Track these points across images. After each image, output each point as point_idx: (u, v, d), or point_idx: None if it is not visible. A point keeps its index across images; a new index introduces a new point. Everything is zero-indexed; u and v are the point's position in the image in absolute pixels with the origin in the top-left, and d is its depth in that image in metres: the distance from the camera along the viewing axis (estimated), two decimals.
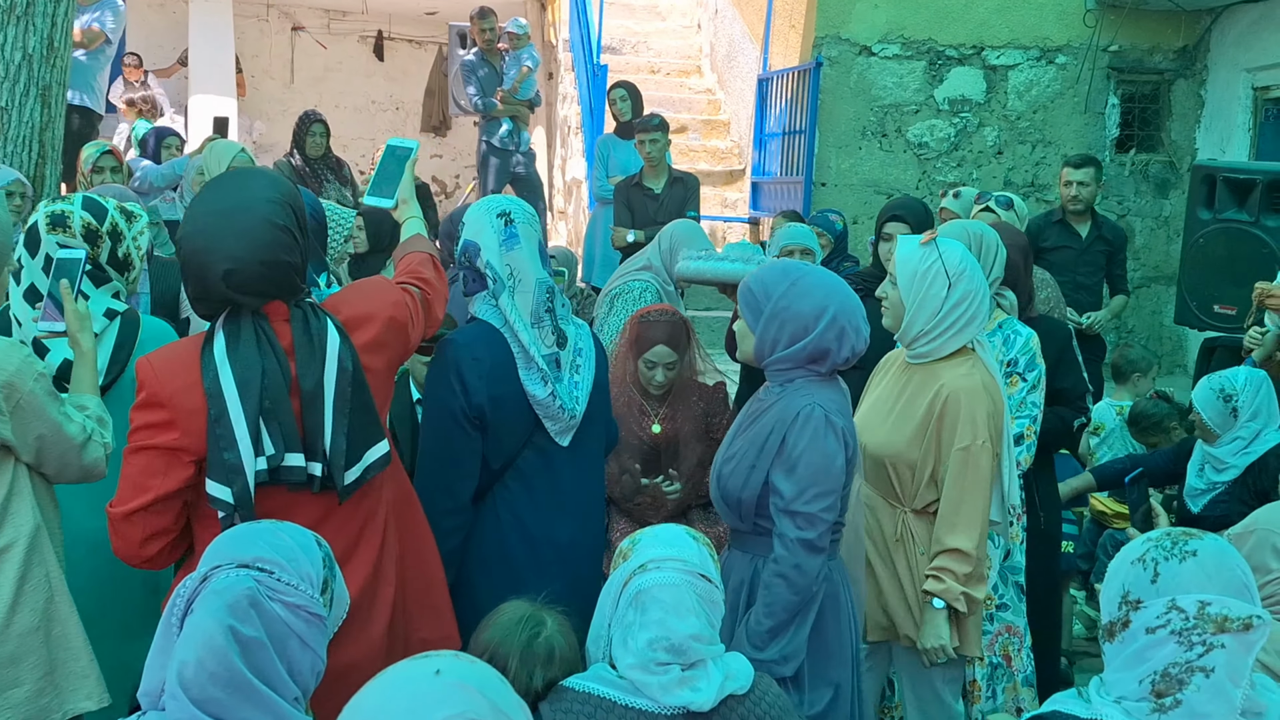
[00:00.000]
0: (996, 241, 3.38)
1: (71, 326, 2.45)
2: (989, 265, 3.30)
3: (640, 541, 2.01)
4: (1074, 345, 3.71)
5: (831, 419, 2.58)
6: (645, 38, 11.19)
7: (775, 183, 8.75)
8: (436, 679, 1.31)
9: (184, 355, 2.10)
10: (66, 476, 2.37)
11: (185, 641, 1.48)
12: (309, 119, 7.13)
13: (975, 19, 8.14)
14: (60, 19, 5.61)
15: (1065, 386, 3.62)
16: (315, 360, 2.09)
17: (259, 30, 13.15)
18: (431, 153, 14.09)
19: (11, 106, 5.46)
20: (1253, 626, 1.55)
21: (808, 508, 2.52)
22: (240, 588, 1.51)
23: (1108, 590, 1.66)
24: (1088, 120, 8.34)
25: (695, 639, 1.91)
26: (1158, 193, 8.43)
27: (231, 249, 2.04)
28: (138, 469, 2.06)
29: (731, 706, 1.94)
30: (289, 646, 1.53)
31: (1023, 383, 3.35)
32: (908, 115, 8.21)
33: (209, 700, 1.46)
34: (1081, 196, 5.69)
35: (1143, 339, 8.39)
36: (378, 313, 2.26)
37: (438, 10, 12.58)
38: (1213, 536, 1.66)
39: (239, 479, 2.01)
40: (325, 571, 1.63)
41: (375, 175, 2.67)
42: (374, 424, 2.16)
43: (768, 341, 2.64)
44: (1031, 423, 3.38)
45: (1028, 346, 3.37)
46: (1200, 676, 1.53)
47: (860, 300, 2.73)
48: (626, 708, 1.88)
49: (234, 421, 2.01)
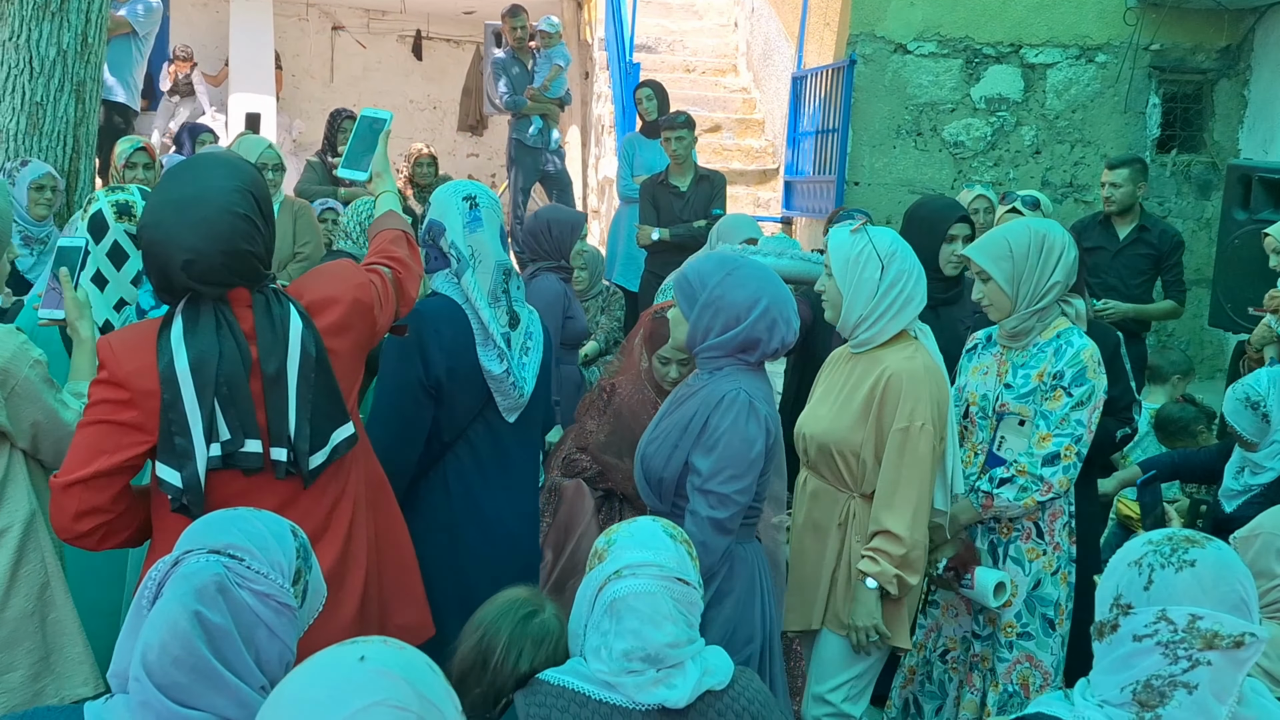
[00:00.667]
0: (1064, 241, 3.16)
1: (71, 314, 2.46)
2: (1050, 266, 3.11)
3: (616, 543, 1.97)
4: (1123, 353, 3.54)
5: (755, 405, 2.66)
6: (681, 36, 11.16)
7: (808, 182, 8.68)
8: (360, 665, 1.28)
9: (142, 337, 2.09)
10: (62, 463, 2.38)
11: (151, 624, 1.48)
12: (340, 116, 7.18)
13: (1013, 17, 8.03)
14: (94, 15, 5.68)
15: (1113, 395, 3.36)
16: (278, 345, 2.08)
17: (299, 30, 13.28)
18: (468, 152, 14.16)
19: (46, 101, 5.54)
20: (1244, 644, 1.49)
21: (722, 488, 2.60)
22: (209, 573, 1.50)
23: (1103, 588, 1.61)
24: (1128, 120, 8.20)
25: (672, 646, 1.88)
26: (1199, 194, 8.27)
27: (190, 240, 2.03)
28: (85, 442, 2.05)
29: (709, 702, 1.91)
30: (256, 635, 1.51)
31: (1067, 398, 3.09)
32: (943, 114, 8.12)
33: (172, 684, 1.45)
34: (1115, 197, 5.59)
35: (1183, 343, 8.23)
36: (341, 295, 2.24)
37: (476, 10, 12.64)
38: (1217, 544, 1.59)
39: (189, 464, 2.01)
40: (299, 562, 1.62)
41: (349, 146, 2.66)
42: (339, 407, 2.15)
43: (700, 329, 2.73)
44: (1073, 442, 3.09)
45: (1077, 359, 3.10)
46: (1183, 692, 1.49)
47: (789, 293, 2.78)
48: (600, 703, 1.86)
49: (187, 406, 2.01)
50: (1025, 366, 3.17)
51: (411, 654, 1.35)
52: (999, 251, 3.13)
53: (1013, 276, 3.10)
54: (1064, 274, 3.12)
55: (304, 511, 2.14)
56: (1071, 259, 3.14)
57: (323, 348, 2.13)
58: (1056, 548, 3.21)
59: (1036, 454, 3.10)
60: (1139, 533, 4.49)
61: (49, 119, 5.59)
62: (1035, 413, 3.13)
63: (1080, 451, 3.11)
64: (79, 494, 2.04)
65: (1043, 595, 3.19)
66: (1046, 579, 3.19)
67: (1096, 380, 3.10)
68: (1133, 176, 5.58)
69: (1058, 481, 3.11)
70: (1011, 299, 3.12)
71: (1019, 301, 3.13)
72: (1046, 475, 3.09)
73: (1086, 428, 3.10)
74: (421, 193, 7.04)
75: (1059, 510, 3.21)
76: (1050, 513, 3.20)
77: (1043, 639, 3.18)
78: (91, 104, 5.79)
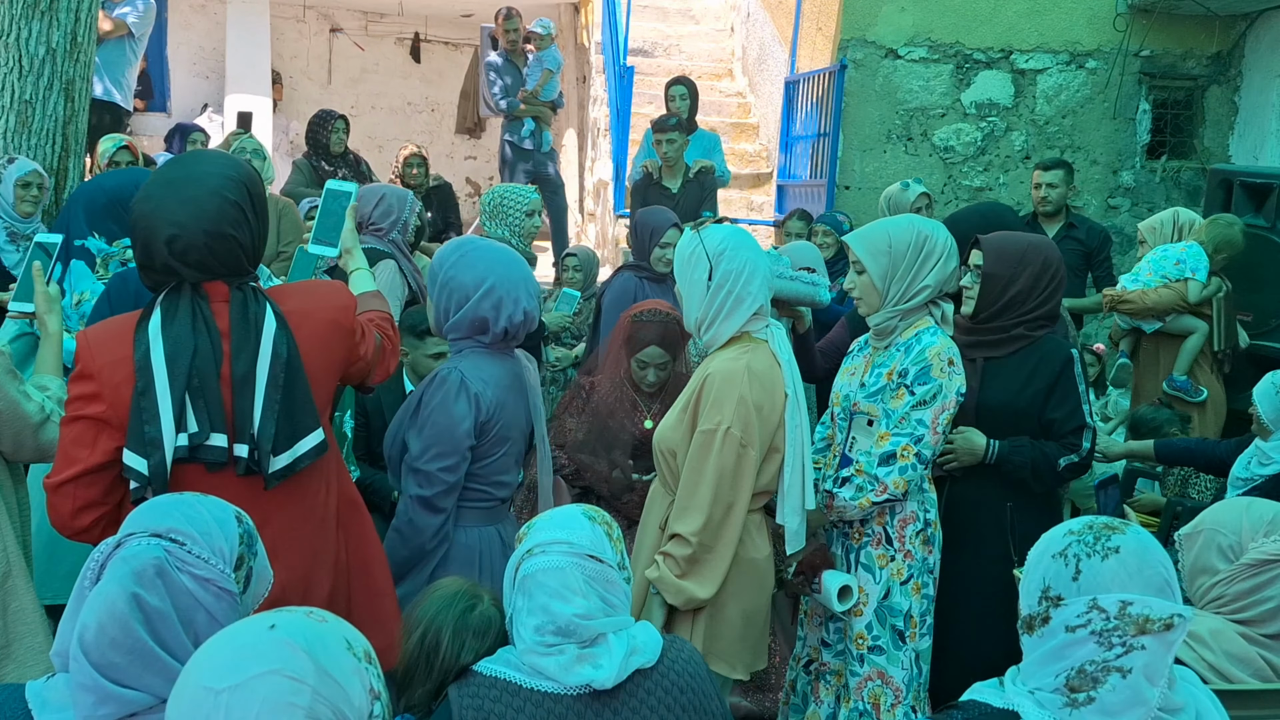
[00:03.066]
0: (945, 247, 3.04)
1: (40, 308, 2.49)
2: (927, 269, 3.00)
3: (534, 526, 2.00)
4: (1075, 373, 3.23)
5: (468, 383, 2.70)
6: (678, 41, 11.19)
7: (800, 186, 8.71)
8: (268, 634, 1.30)
9: (119, 329, 2.12)
10: (22, 455, 2.40)
11: (89, 606, 1.49)
12: (331, 116, 7.22)
13: (1003, 22, 8.06)
14: (84, 14, 5.71)
15: (1056, 417, 3.20)
16: (249, 344, 2.10)
17: (297, 31, 13.30)
18: (465, 154, 14.18)
19: (35, 100, 5.56)
20: (1173, 626, 1.52)
21: (427, 466, 2.65)
22: (148, 556, 1.51)
23: (1028, 581, 1.63)
24: (1118, 126, 8.22)
25: (582, 618, 1.89)
26: (1189, 200, 8.27)
27: (177, 215, 2.07)
28: (69, 440, 2.09)
29: (638, 681, 1.92)
30: (195, 619, 1.52)
31: (909, 396, 2.96)
32: (934, 119, 8.14)
33: (109, 665, 1.46)
34: (1050, 198, 5.78)
35: None
36: (321, 312, 2.26)
37: (474, 13, 12.66)
38: (1134, 529, 1.62)
39: (157, 453, 2.03)
40: (242, 548, 1.62)
41: (317, 222, 2.65)
42: (308, 414, 2.15)
43: (440, 310, 2.80)
44: (912, 441, 2.95)
45: (922, 357, 2.97)
46: (1116, 676, 1.51)
47: (527, 276, 2.82)
48: (531, 690, 1.87)
49: (159, 396, 2.03)
50: (880, 365, 3.08)
51: (329, 628, 1.35)
52: (878, 246, 3.03)
53: (887, 273, 3.01)
54: (937, 279, 3.02)
55: (264, 515, 2.13)
56: (951, 267, 3.04)
57: (296, 352, 2.14)
58: (908, 555, 3.04)
59: (874, 453, 2.99)
60: None
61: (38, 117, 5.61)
62: (880, 411, 3.04)
63: (921, 453, 2.96)
64: (72, 492, 2.07)
65: (892, 605, 3.03)
66: (896, 588, 3.04)
67: (944, 380, 2.96)
68: (1066, 178, 5.81)
69: (893, 482, 2.97)
70: (881, 295, 3.03)
71: (886, 299, 3.03)
72: (881, 475, 2.97)
73: (929, 428, 2.95)
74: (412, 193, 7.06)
75: (911, 516, 3.06)
76: (900, 518, 3.05)
77: (893, 653, 3.03)
78: (81, 102, 5.81)
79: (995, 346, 3.28)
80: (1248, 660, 2.34)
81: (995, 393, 3.24)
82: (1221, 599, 2.37)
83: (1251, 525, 2.44)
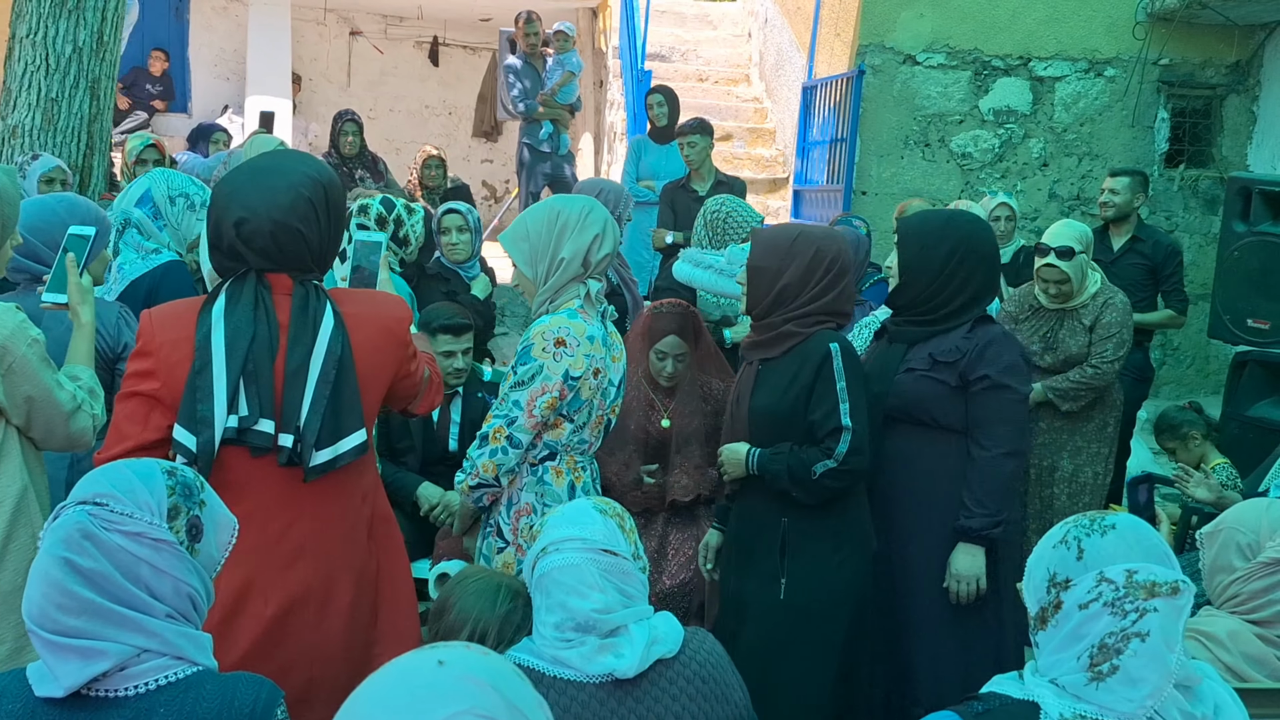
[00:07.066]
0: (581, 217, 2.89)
1: (73, 299, 2.53)
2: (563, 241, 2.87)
3: (548, 523, 2.01)
4: (836, 368, 2.90)
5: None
6: (695, 46, 11.22)
7: (817, 191, 8.73)
8: (440, 671, 1.19)
9: (183, 311, 2.17)
10: (53, 443, 2.44)
11: (30, 581, 1.52)
12: (341, 118, 7.28)
13: (1022, 30, 8.07)
14: (110, 14, 5.78)
15: (814, 419, 2.91)
16: (306, 338, 2.13)
17: (317, 34, 13.39)
18: (483, 157, 14.25)
19: (61, 98, 5.64)
20: (1179, 591, 1.55)
21: None
22: (72, 523, 1.52)
23: (1031, 580, 1.66)
24: (1136, 134, 8.21)
25: (601, 612, 1.90)
26: (1207, 209, 8.27)
27: (250, 200, 2.13)
28: (122, 415, 2.13)
29: (660, 671, 1.93)
30: (140, 572, 1.53)
31: (512, 376, 2.86)
32: (951, 125, 8.15)
33: (72, 630, 1.47)
34: (1111, 203, 5.63)
35: (1188, 356, 8.24)
36: (376, 319, 2.27)
37: (492, 17, 12.73)
38: (1123, 514, 1.67)
39: (206, 431, 2.06)
40: (174, 499, 1.60)
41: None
42: (354, 413, 2.17)
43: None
44: (505, 423, 2.84)
45: (526, 336, 2.88)
46: (1136, 642, 1.53)
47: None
48: (554, 679, 1.89)
49: (215, 376, 2.07)
50: None
51: (495, 659, 1.27)
52: (517, 234, 2.93)
53: (529, 257, 2.89)
54: (572, 249, 2.86)
55: (299, 510, 2.17)
56: (589, 234, 2.87)
57: (349, 352, 2.17)
58: (519, 550, 2.90)
59: (480, 435, 2.92)
60: None
61: (64, 115, 5.69)
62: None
63: (514, 436, 2.84)
64: None
65: None
66: None
67: (546, 360, 2.81)
68: (1132, 187, 5.62)
69: (483, 465, 2.86)
70: (533, 279, 2.91)
71: (538, 281, 2.90)
72: (474, 456, 2.89)
73: (524, 411, 2.82)
74: (430, 195, 7.10)
75: (526, 508, 2.93)
76: (516, 510, 2.94)
77: None
78: (106, 100, 5.88)
79: (769, 347, 3.03)
80: (1264, 661, 2.35)
81: (762, 396, 3.02)
82: (1237, 597, 2.39)
83: (1270, 524, 2.46)
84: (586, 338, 2.87)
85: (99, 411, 2.49)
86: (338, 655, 2.21)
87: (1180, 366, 8.31)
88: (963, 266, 3.11)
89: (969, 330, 3.10)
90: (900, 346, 3.20)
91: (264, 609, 2.14)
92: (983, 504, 3.01)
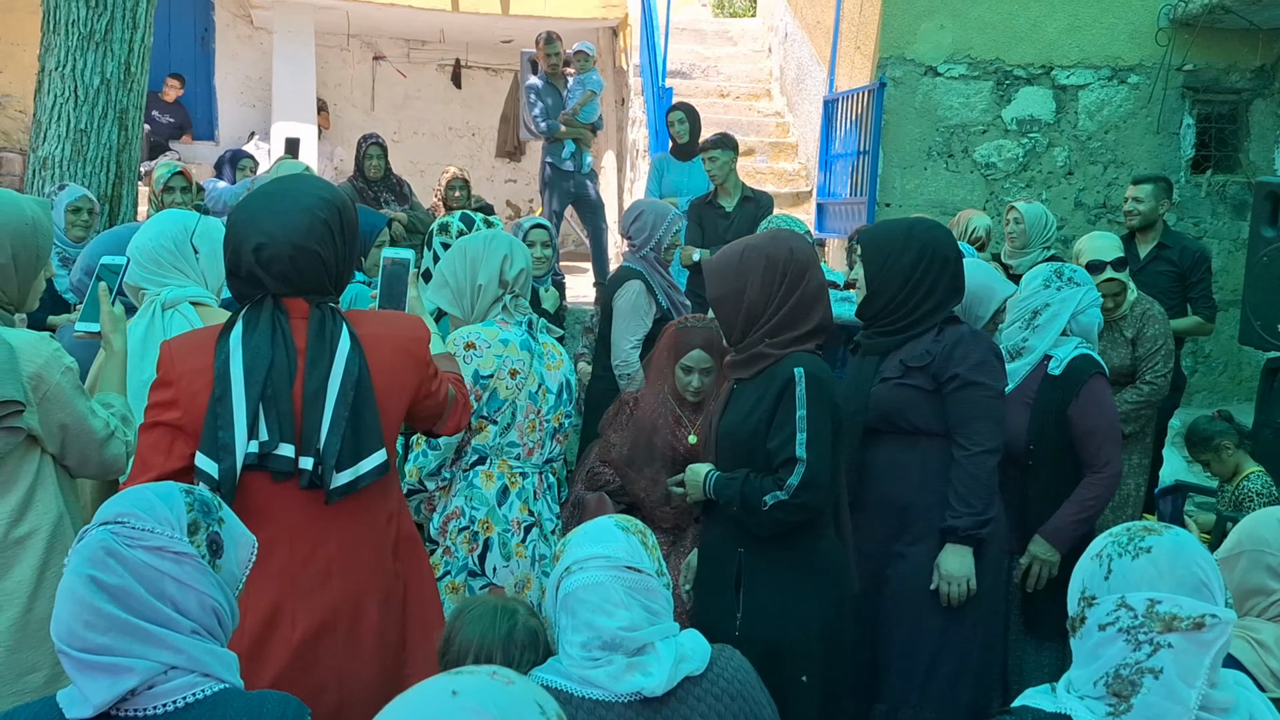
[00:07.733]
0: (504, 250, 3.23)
1: (106, 327, 2.56)
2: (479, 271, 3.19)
3: (569, 542, 2.01)
4: (798, 395, 2.75)
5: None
6: (716, 62, 11.26)
7: (840, 204, 8.72)
8: (453, 701, 1.20)
9: (201, 341, 2.19)
10: (87, 470, 2.46)
11: (57, 602, 1.53)
12: (365, 141, 7.33)
13: (1044, 39, 8.04)
14: (137, 45, 5.85)
15: (772, 447, 2.77)
16: (323, 361, 2.14)
17: (341, 60, 13.53)
18: (506, 178, 14.34)
19: (90, 129, 5.70)
20: (1204, 626, 1.50)
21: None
22: (96, 543, 1.54)
23: (1073, 585, 1.65)
24: (1161, 141, 8.16)
25: (627, 630, 1.89)
26: (1235, 215, 8.20)
27: (267, 226, 2.15)
28: (146, 445, 2.15)
29: (688, 689, 1.92)
30: (166, 588, 1.54)
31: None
32: (974, 135, 8.13)
33: (100, 648, 1.49)
34: (1136, 211, 5.59)
35: (1220, 363, 8.16)
36: (393, 339, 2.28)
37: (513, 39, 12.81)
38: (1175, 531, 1.62)
39: (228, 457, 2.07)
40: (194, 515, 1.62)
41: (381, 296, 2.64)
42: (373, 434, 2.18)
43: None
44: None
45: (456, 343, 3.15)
46: (1150, 678, 1.51)
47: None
48: (583, 699, 1.88)
49: (235, 403, 2.08)
50: None
51: (519, 690, 1.25)
52: (438, 282, 3.24)
53: (455, 297, 3.21)
54: (486, 275, 3.18)
55: (324, 535, 2.18)
56: (497, 258, 3.18)
57: (367, 373, 2.18)
58: (447, 552, 3.09)
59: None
60: None
61: (93, 146, 5.75)
62: None
63: (432, 440, 3.05)
64: None
65: None
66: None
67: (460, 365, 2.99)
68: (1156, 194, 5.56)
69: (409, 471, 3.05)
70: (464, 316, 3.22)
71: (467, 315, 3.22)
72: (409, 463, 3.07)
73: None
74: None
75: (456, 512, 3.10)
76: (446, 514, 3.10)
77: None
78: (134, 131, 5.94)
79: (744, 367, 2.93)
80: None
81: (728, 418, 2.94)
82: None
83: None
84: (499, 340, 3.15)
85: (132, 438, 2.51)
86: (368, 678, 2.21)
87: (1212, 374, 8.23)
88: (929, 273, 3.16)
89: (937, 334, 3.14)
90: (874, 359, 3.24)
91: (292, 634, 2.14)
92: (968, 503, 3.03)
